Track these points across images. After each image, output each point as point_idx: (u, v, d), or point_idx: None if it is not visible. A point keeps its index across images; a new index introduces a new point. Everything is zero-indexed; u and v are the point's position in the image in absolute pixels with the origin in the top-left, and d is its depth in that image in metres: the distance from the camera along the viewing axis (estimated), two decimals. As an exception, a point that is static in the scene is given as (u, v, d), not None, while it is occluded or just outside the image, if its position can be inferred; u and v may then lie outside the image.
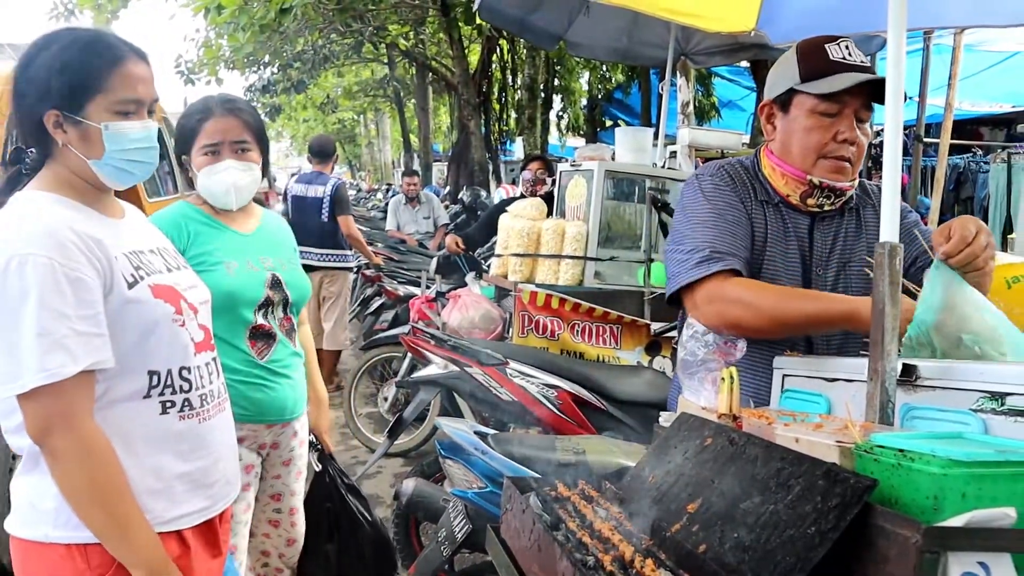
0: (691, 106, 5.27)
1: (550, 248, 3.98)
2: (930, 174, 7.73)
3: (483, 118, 13.58)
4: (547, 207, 4.31)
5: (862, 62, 1.66)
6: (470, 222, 7.99)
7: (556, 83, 15.07)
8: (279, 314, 2.10)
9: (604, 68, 14.15)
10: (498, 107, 15.42)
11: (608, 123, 14.96)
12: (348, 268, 5.92)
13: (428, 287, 5.03)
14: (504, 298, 4.26)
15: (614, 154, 4.38)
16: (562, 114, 16.18)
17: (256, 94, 13.65)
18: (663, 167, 4.54)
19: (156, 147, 1.46)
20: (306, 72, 12.83)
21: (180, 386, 1.44)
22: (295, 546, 2.27)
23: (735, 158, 1.86)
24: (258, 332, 2.05)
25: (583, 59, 12.82)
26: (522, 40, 11.52)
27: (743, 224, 1.71)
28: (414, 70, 16.47)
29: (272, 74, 13.47)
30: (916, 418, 1.25)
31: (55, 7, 10.73)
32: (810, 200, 1.73)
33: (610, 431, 2.90)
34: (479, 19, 8.83)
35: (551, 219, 4.13)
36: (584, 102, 15.80)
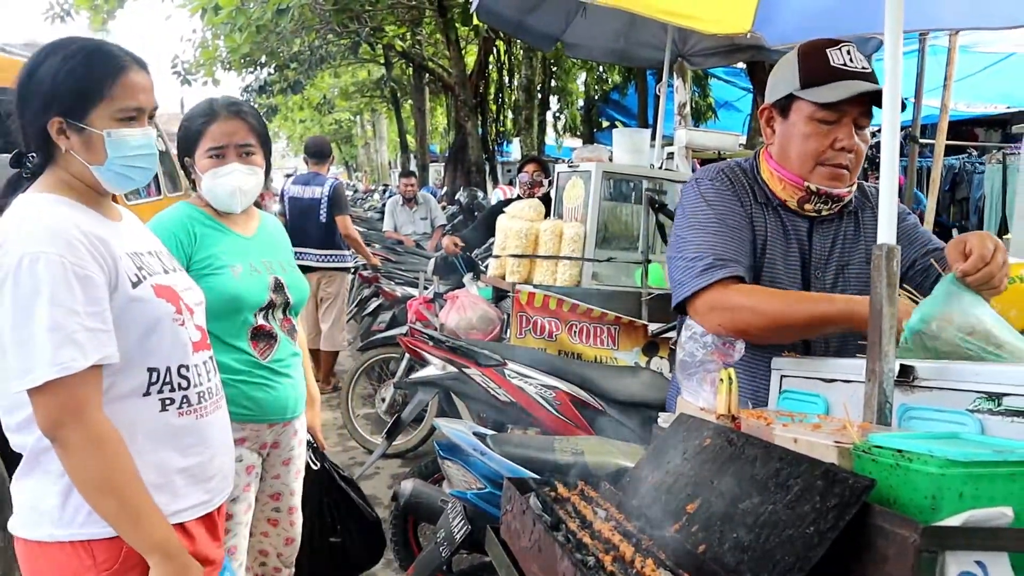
0: (688, 107, 5.29)
1: (548, 249, 3.98)
2: (926, 175, 7.77)
3: (480, 119, 13.59)
4: (545, 208, 4.32)
5: (863, 67, 1.64)
6: (467, 223, 7.99)
7: (553, 84, 15.09)
8: (279, 315, 2.11)
9: (601, 69, 14.13)
10: (495, 108, 15.43)
11: (605, 124, 14.95)
12: (346, 269, 5.92)
13: (426, 288, 5.02)
14: (502, 299, 4.26)
15: (611, 155, 4.39)
16: (559, 115, 16.19)
17: (252, 95, 13.60)
18: (660, 168, 4.55)
19: (156, 154, 1.49)
20: (303, 73, 12.81)
21: (179, 383, 1.47)
22: (293, 545, 2.27)
23: (733, 160, 1.86)
24: (260, 333, 2.05)
25: (580, 60, 12.82)
26: (519, 41, 11.53)
27: (744, 228, 1.71)
28: (411, 71, 16.43)
29: (268, 75, 13.44)
30: (913, 418, 1.26)
31: (51, 7, 10.72)
32: (808, 205, 1.72)
33: (608, 432, 2.91)
34: (476, 20, 8.85)
35: (549, 220, 4.14)
36: (581, 103, 15.80)
